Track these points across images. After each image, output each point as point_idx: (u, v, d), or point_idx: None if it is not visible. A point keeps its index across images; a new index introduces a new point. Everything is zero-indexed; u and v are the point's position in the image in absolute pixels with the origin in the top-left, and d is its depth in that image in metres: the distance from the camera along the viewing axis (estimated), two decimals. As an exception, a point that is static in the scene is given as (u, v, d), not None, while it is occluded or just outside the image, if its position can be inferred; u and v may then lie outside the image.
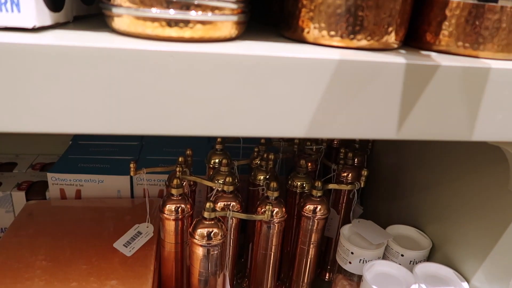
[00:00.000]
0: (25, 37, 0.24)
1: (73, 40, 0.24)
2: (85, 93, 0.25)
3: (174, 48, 0.25)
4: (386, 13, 0.30)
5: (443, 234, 0.51)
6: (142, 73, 0.25)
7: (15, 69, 0.24)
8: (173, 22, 0.26)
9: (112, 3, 0.27)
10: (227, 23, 0.28)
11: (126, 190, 0.65)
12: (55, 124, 0.26)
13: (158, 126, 0.27)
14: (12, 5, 0.25)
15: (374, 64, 0.28)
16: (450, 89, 0.29)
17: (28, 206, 0.59)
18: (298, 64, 0.27)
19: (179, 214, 0.48)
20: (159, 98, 0.26)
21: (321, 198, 0.51)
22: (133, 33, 0.27)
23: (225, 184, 0.49)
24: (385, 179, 0.68)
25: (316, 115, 0.28)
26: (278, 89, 0.27)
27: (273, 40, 0.32)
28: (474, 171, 0.47)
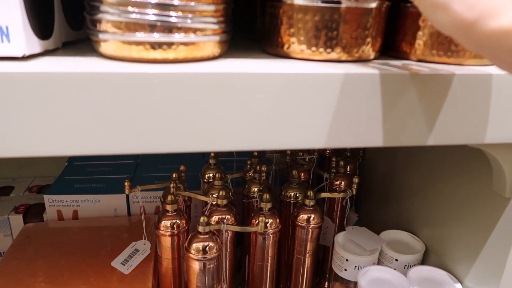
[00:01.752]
0: (16, 66, 0.25)
1: (61, 67, 0.26)
2: (76, 116, 0.26)
3: (159, 70, 0.26)
4: (361, 27, 0.31)
5: (436, 237, 0.52)
6: (129, 95, 0.26)
7: (6, 96, 0.25)
8: (157, 45, 0.28)
9: (98, 29, 0.29)
10: (209, 43, 0.30)
11: (123, 208, 0.65)
12: (48, 148, 0.27)
13: (147, 145, 0.28)
14: (2, 36, 0.26)
15: (350, 76, 0.29)
16: (423, 95, 0.30)
17: (26, 229, 0.60)
18: (277, 79, 0.28)
19: (174, 230, 0.48)
20: (146, 118, 0.27)
21: (314, 207, 0.52)
22: (120, 57, 0.29)
23: (219, 198, 0.50)
24: (378, 185, 0.69)
25: (299, 126, 0.29)
26: (261, 104, 0.28)
27: (255, 57, 0.33)
28: (460, 174, 0.48)
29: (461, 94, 0.31)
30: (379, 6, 0.32)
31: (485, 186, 0.43)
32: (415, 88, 0.30)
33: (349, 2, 0.30)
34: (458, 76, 0.30)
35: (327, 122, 0.30)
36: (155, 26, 0.27)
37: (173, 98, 0.27)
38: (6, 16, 0.26)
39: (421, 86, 0.30)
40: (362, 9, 0.31)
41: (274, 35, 0.33)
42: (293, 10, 0.31)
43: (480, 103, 0.32)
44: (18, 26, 0.26)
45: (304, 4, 0.31)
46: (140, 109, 0.27)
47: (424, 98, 0.30)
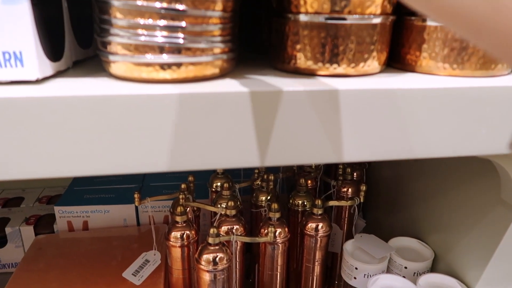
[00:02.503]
0: (29, 90, 0.26)
1: (73, 90, 0.26)
2: (89, 138, 0.27)
3: (169, 91, 0.27)
4: (366, 42, 0.32)
5: (445, 244, 0.52)
6: (139, 115, 0.27)
7: (21, 119, 0.26)
8: (167, 65, 0.28)
9: (109, 51, 0.29)
10: (217, 62, 0.30)
11: (132, 218, 0.66)
12: (61, 169, 0.27)
13: (159, 164, 0.28)
14: (16, 61, 0.27)
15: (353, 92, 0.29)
16: (427, 109, 0.30)
17: (38, 241, 0.61)
18: (283, 96, 0.28)
19: (184, 241, 0.49)
20: (157, 137, 0.27)
21: (323, 216, 0.52)
22: (130, 78, 0.29)
23: (228, 208, 0.50)
24: (385, 191, 0.69)
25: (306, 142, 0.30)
26: (269, 121, 0.28)
27: (262, 73, 0.34)
28: (468, 180, 0.48)
29: (466, 107, 0.31)
30: (384, 21, 0.32)
31: (494, 193, 0.43)
32: (418, 103, 0.30)
33: (353, 18, 0.31)
34: (463, 90, 0.31)
35: (337, 136, 0.30)
36: (164, 48, 0.28)
37: (183, 117, 0.27)
38: (19, 42, 0.27)
39: (425, 100, 0.30)
40: (367, 25, 0.31)
41: (281, 51, 0.34)
42: (298, 26, 0.32)
43: (487, 115, 0.32)
44: (31, 51, 0.27)
45: (309, 21, 0.31)
46: (151, 129, 0.27)
47: (429, 111, 0.31)
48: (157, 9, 0.27)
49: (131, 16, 0.27)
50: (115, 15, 0.28)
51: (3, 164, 0.26)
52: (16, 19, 0.26)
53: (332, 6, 0.30)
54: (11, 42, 0.26)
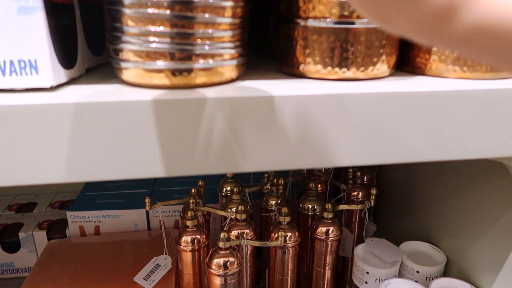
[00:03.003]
0: (44, 97, 0.27)
1: (87, 96, 0.27)
2: (102, 143, 0.27)
3: (180, 96, 0.27)
4: (375, 45, 0.32)
5: (457, 248, 0.52)
6: (151, 120, 0.27)
7: (35, 126, 0.26)
8: (178, 72, 0.29)
9: (121, 58, 0.30)
10: (227, 68, 0.30)
11: (143, 223, 0.66)
12: (74, 174, 0.28)
13: (170, 169, 0.29)
14: (31, 69, 0.28)
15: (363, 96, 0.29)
16: (440, 112, 0.30)
17: (50, 246, 0.61)
18: (294, 101, 0.28)
19: (195, 245, 0.49)
20: (169, 143, 0.28)
21: (333, 220, 0.52)
22: (141, 84, 0.30)
23: (238, 212, 0.51)
24: (396, 194, 0.68)
25: (317, 145, 0.30)
26: (280, 125, 0.29)
27: (271, 78, 0.34)
28: (481, 184, 0.47)
29: (477, 109, 0.31)
30: (393, 24, 0.32)
31: (507, 196, 0.42)
32: (429, 106, 0.30)
33: (362, 22, 0.31)
34: (474, 92, 0.30)
35: (346, 140, 0.30)
36: (174, 54, 0.28)
37: (195, 123, 0.28)
38: (34, 50, 0.27)
39: (436, 103, 0.30)
40: (376, 28, 0.31)
41: (290, 56, 0.34)
42: (307, 31, 0.32)
43: (498, 117, 0.32)
44: (46, 59, 0.27)
45: (318, 26, 0.31)
46: (163, 134, 0.28)
47: (440, 114, 0.31)
48: (168, 16, 0.27)
49: (142, 23, 0.28)
50: (126, 23, 0.28)
51: (18, 170, 0.27)
52: (31, 28, 0.27)
53: (341, 10, 0.30)
54: (27, 50, 0.27)
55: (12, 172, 0.27)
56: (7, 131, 0.26)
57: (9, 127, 0.26)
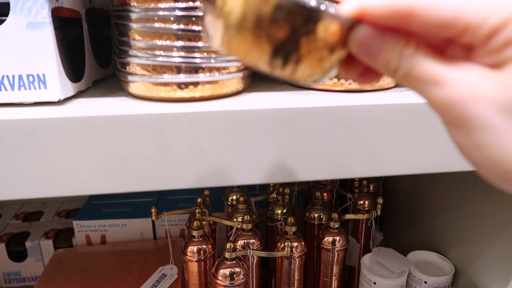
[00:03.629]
0: (51, 111, 0.27)
1: (94, 110, 0.27)
2: (110, 156, 0.27)
3: (186, 110, 0.27)
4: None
5: (465, 257, 0.51)
6: (157, 134, 0.27)
7: (43, 139, 0.26)
8: (184, 85, 0.29)
9: (127, 71, 0.30)
10: (233, 80, 0.31)
11: (149, 232, 0.66)
12: (82, 187, 0.28)
13: (174, 181, 0.29)
14: (39, 83, 0.28)
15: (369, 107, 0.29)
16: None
17: (57, 255, 0.62)
18: (300, 113, 0.28)
19: (201, 256, 0.49)
20: (174, 156, 0.28)
21: (339, 230, 0.52)
22: (148, 97, 0.30)
23: (244, 222, 0.50)
24: (403, 203, 0.68)
25: (324, 157, 0.30)
26: (287, 138, 0.29)
27: (277, 89, 0.34)
28: (490, 193, 0.47)
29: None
30: (399, 35, 0.32)
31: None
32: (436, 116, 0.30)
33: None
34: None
35: (352, 151, 0.30)
36: (181, 68, 0.28)
37: (201, 135, 0.28)
38: (43, 65, 0.27)
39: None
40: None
41: (295, 67, 0.34)
42: (313, 43, 0.32)
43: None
44: (54, 74, 0.28)
45: (324, 38, 0.31)
46: (170, 148, 0.28)
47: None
48: (174, 31, 0.27)
49: (149, 37, 0.28)
50: (133, 37, 0.28)
51: (26, 183, 0.27)
52: (40, 43, 0.27)
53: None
54: (35, 65, 0.27)
55: (20, 185, 0.27)
56: (15, 145, 0.26)
57: (18, 140, 0.26)
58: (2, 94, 0.28)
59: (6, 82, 0.27)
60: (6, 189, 0.27)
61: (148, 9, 0.27)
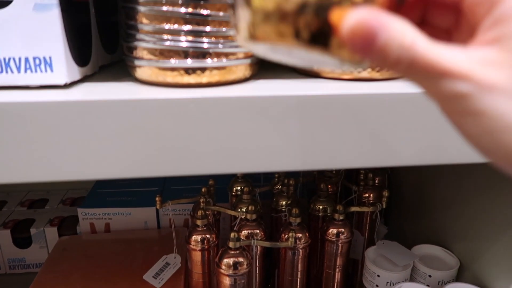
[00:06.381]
0: (58, 94, 0.27)
1: (100, 94, 0.27)
2: (116, 141, 0.27)
3: (193, 95, 0.27)
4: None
5: (471, 252, 0.51)
6: (164, 119, 0.27)
7: (49, 123, 0.26)
8: (191, 70, 0.28)
9: (134, 55, 0.30)
10: (241, 66, 0.30)
11: (153, 221, 0.66)
12: (88, 172, 0.28)
13: (180, 168, 0.28)
14: (46, 66, 0.28)
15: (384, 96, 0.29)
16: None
17: (61, 242, 0.62)
18: (308, 101, 0.28)
19: (205, 245, 0.49)
20: (180, 142, 0.28)
21: (344, 222, 0.52)
22: (155, 82, 0.30)
23: (248, 212, 0.50)
24: (408, 196, 0.67)
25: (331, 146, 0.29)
26: (293, 126, 0.28)
27: (285, 77, 0.33)
28: (497, 187, 0.46)
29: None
30: (410, 24, 0.31)
31: (523, 202, 0.41)
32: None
33: (379, 21, 0.30)
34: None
35: (360, 141, 0.29)
36: (188, 53, 0.28)
37: (208, 121, 0.27)
38: (49, 48, 0.27)
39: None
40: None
41: (304, 55, 0.34)
42: (322, 30, 0.32)
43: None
44: (61, 57, 0.28)
45: (334, 25, 0.31)
46: (176, 133, 0.27)
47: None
48: (182, 14, 0.27)
49: (157, 21, 0.27)
50: (141, 21, 0.28)
51: (32, 167, 0.27)
52: (47, 26, 0.27)
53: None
54: (42, 48, 0.27)
55: (26, 168, 0.27)
56: (21, 128, 0.26)
57: (24, 124, 0.26)
58: (8, 76, 0.27)
59: (12, 64, 0.27)
60: (11, 172, 0.27)
61: (156, -8, 0.27)
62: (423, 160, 0.31)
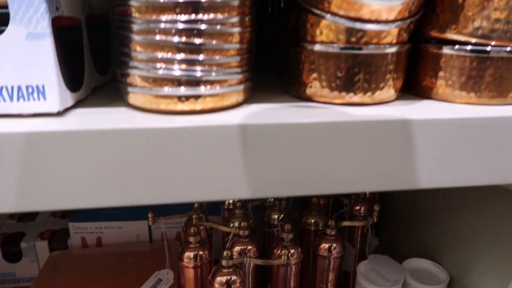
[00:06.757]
0: (51, 124, 0.27)
1: (93, 123, 0.27)
2: (107, 169, 0.27)
3: (186, 124, 0.27)
4: (382, 71, 0.32)
5: (461, 266, 0.51)
6: (156, 148, 0.27)
7: (41, 152, 0.26)
8: (185, 98, 0.29)
9: (128, 82, 0.30)
10: (234, 93, 0.30)
11: (145, 234, 0.66)
12: (79, 201, 0.28)
13: (170, 195, 0.29)
14: (39, 94, 0.28)
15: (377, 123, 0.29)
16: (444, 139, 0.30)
17: (52, 257, 0.61)
18: (299, 129, 0.28)
19: (198, 262, 0.49)
20: (171, 170, 0.28)
21: (336, 237, 0.52)
22: (148, 109, 0.30)
23: (241, 228, 0.50)
24: (399, 209, 0.68)
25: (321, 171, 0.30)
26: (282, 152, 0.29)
27: (277, 101, 0.34)
28: (486, 204, 0.47)
29: (484, 137, 0.31)
30: (400, 49, 0.32)
31: (510, 220, 0.42)
32: (434, 133, 0.30)
33: (369, 48, 0.31)
34: (480, 120, 0.30)
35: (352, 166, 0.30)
36: (182, 81, 0.28)
37: (199, 149, 0.28)
38: (42, 76, 0.27)
39: (441, 130, 0.30)
40: (383, 54, 0.31)
41: (296, 79, 0.34)
42: (314, 55, 0.32)
43: (504, 145, 0.32)
44: (53, 85, 0.27)
45: (325, 51, 0.31)
46: (165, 161, 0.27)
47: (445, 141, 0.30)
48: (176, 43, 0.27)
49: (151, 49, 0.28)
50: (135, 49, 0.28)
51: (27, 196, 0.27)
52: (40, 54, 0.27)
53: (348, 36, 0.30)
54: (34, 76, 0.27)
55: (19, 197, 0.27)
56: (13, 158, 0.26)
57: (16, 153, 0.26)
58: (0, 105, 0.27)
59: (5, 93, 0.27)
60: (3, 202, 0.26)
61: (150, 21, 0.27)
62: (416, 184, 0.31)
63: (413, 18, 0.31)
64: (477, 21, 0.31)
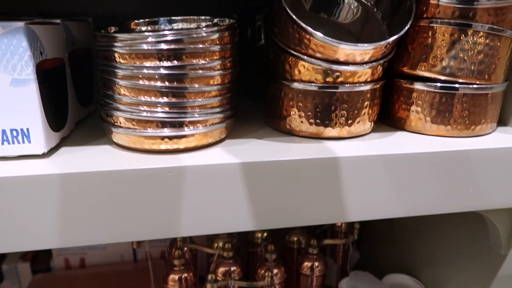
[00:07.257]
0: (35, 167, 0.27)
1: (78, 165, 0.27)
2: (92, 209, 0.28)
3: (170, 164, 0.28)
4: (358, 107, 0.33)
5: (437, 280, 0.53)
6: (141, 188, 0.28)
7: (25, 196, 0.27)
8: (168, 138, 0.29)
9: (111, 122, 0.30)
10: (216, 131, 0.31)
11: (129, 254, 0.66)
12: (65, 240, 0.28)
13: (155, 232, 0.29)
14: (23, 137, 0.28)
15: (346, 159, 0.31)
16: (414, 171, 0.32)
17: (35, 280, 0.61)
18: (279, 166, 0.30)
19: (182, 284, 0.49)
20: (156, 208, 0.29)
21: (318, 255, 0.53)
22: (132, 148, 0.30)
23: (225, 250, 0.51)
24: (380, 224, 0.70)
25: (295, 206, 0.31)
26: (264, 189, 0.30)
27: (258, 137, 0.35)
28: (461, 223, 0.49)
29: (453, 168, 0.33)
30: (374, 86, 0.34)
31: (484, 237, 0.44)
32: (406, 166, 0.32)
33: (345, 87, 0.32)
34: (450, 153, 0.32)
35: (331, 200, 0.31)
36: (165, 123, 0.29)
37: (183, 188, 0.28)
38: (27, 120, 0.28)
39: (413, 163, 0.32)
40: (358, 91, 0.33)
41: (276, 112, 0.35)
42: (293, 92, 0.33)
43: (473, 174, 0.33)
44: (38, 128, 0.28)
45: (303, 89, 0.33)
46: (150, 200, 0.28)
47: (415, 173, 0.32)
48: (159, 88, 0.28)
49: (134, 93, 0.28)
50: (119, 92, 0.29)
51: (13, 237, 0.27)
52: (24, 100, 0.27)
53: (325, 77, 0.32)
54: (19, 120, 0.28)
55: (5, 238, 0.27)
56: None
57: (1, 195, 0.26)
58: (-15, 149, 0.28)
59: (-11, 137, 0.27)
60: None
61: (134, 67, 0.28)
62: (391, 213, 0.33)
63: (386, 58, 0.33)
64: (445, 61, 0.33)
